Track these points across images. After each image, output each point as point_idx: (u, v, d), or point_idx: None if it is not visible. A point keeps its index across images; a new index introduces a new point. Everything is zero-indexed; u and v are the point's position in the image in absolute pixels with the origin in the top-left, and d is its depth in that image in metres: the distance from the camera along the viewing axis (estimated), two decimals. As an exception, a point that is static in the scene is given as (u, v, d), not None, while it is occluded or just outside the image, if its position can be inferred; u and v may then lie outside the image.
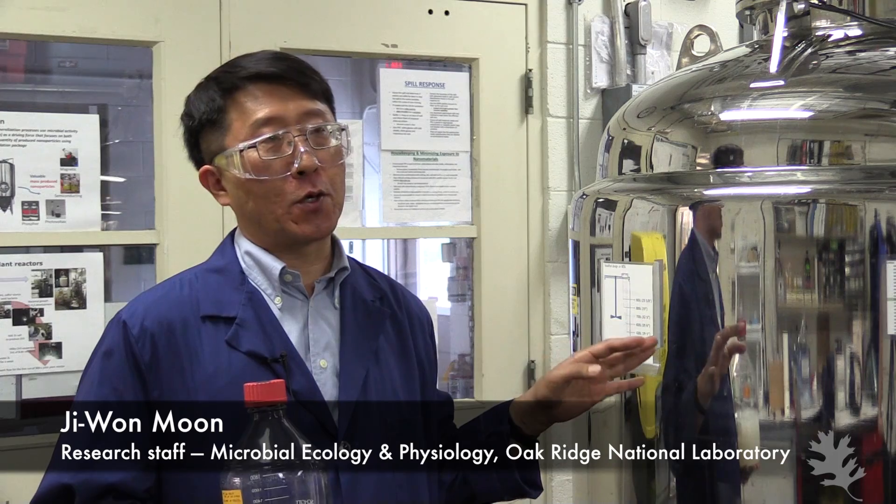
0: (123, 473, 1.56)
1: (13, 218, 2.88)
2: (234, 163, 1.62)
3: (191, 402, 1.58)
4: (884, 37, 1.87)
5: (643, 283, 1.77)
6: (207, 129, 1.66)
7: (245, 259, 1.68)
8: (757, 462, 1.70)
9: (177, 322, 1.62)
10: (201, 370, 1.59)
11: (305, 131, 1.62)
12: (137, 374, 1.59)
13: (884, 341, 1.63)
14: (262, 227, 1.66)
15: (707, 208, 1.73)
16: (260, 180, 1.61)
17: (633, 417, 1.89)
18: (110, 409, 1.58)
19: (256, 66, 1.65)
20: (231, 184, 1.66)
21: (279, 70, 1.64)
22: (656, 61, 3.70)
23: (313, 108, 1.65)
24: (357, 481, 1.61)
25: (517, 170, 3.56)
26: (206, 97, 1.66)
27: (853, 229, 1.64)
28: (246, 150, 1.61)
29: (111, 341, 1.62)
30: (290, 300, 1.67)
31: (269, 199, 1.62)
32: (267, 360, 1.59)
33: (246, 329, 1.62)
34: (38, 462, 1.90)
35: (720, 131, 1.81)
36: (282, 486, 1.31)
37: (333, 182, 1.66)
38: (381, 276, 1.82)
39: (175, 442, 1.59)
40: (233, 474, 1.32)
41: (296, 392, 1.58)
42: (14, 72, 3.99)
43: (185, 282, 1.68)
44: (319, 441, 1.56)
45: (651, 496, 1.86)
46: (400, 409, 1.69)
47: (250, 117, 1.62)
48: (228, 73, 1.66)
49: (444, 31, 3.45)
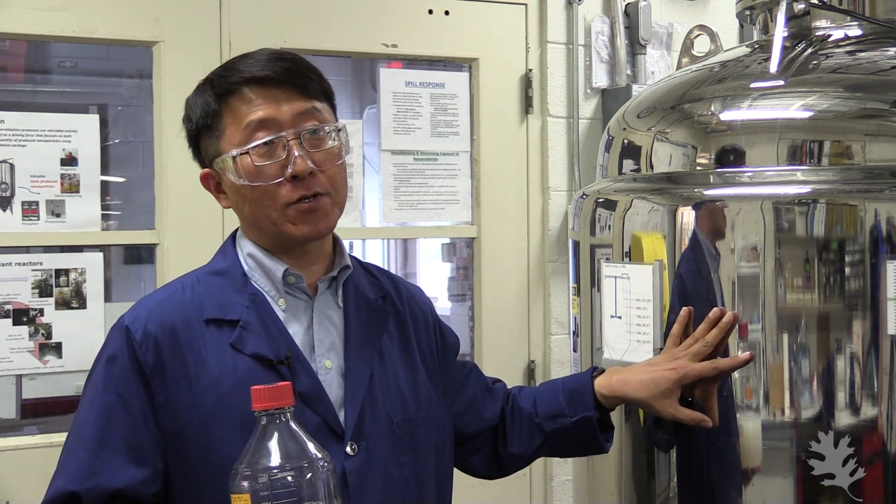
0: (129, 479, 1.55)
1: (13, 218, 2.88)
2: (229, 168, 1.62)
3: (197, 405, 1.58)
4: (884, 37, 1.87)
5: (643, 283, 1.77)
6: (204, 133, 1.66)
7: (247, 261, 1.68)
8: (757, 462, 1.70)
9: (180, 326, 1.61)
10: (206, 374, 1.58)
11: (300, 134, 1.61)
12: (142, 379, 1.58)
13: (884, 341, 1.63)
14: (261, 231, 1.66)
15: (707, 208, 1.73)
16: (254, 186, 1.61)
17: (633, 417, 1.89)
18: (115, 415, 1.57)
19: (251, 70, 1.63)
20: (229, 188, 1.65)
21: (273, 73, 1.62)
22: (656, 61, 3.70)
23: (309, 109, 1.64)
24: (365, 481, 1.60)
25: (517, 170, 3.56)
26: (201, 101, 1.66)
27: (853, 229, 1.64)
28: (239, 156, 1.60)
29: (114, 347, 1.61)
30: (293, 301, 1.66)
31: (263, 204, 1.61)
32: (272, 363, 1.59)
33: (250, 332, 1.61)
34: (38, 462, 1.90)
35: (720, 131, 1.81)
36: (290, 488, 1.31)
37: (333, 182, 1.65)
38: (383, 273, 1.82)
39: (181, 446, 1.58)
40: (241, 478, 1.32)
41: (301, 393, 1.57)
42: (14, 72, 3.99)
43: (188, 285, 1.67)
44: (327, 441, 1.56)
45: (651, 496, 1.86)
46: (406, 407, 1.69)
47: (243, 121, 1.61)
48: (223, 76, 1.65)
49: (444, 31, 3.45)
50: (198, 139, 1.68)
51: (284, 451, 1.32)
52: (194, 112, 1.67)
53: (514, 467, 1.85)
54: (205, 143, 1.67)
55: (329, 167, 1.63)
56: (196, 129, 1.67)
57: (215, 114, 1.64)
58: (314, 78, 1.67)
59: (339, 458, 1.58)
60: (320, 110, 1.65)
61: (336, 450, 1.58)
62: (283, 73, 1.63)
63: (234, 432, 1.50)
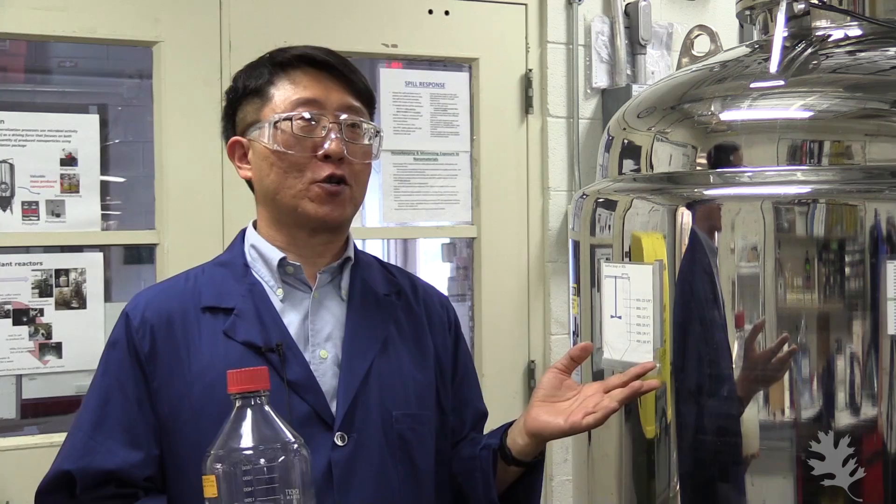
0: (122, 461, 1.58)
1: (13, 218, 2.89)
2: (266, 133, 1.65)
3: (188, 392, 1.60)
4: (884, 37, 1.87)
5: (643, 283, 1.77)
6: (248, 99, 1.70)
7: (250, 252, 1.70)
8: (757, 462, 1.70)
9: (176, 313, 1.64)
10: (198, 360, 1.61)
11: (341, 122, 1.65)
12: (138, 364, 1.62)
13: (884, 341, 1.63)
14: (277, 205, 1.67)
15: (707, 208, 1.73)
16: (286, 153, 1.64)
17: (633, 417, 1.89)
18: (112, 399, 1.61)
19: (311, 52, 1.69)
20: (257, 155, 1.68)
21: (332, 60, 1.69)
22: (656, 61, 3.70)
23: (353, 104, 1.69)
24: (351, 473, 1.60)
25: (517, 170, 3.56)
26: (255, 71, 1.71)
27: (853, 229, 1.64)
28: (281, 121, 1.64)
29: (116, 333, 1.66)
30: (291, 291, 1.68)
31: (291, 174, 1.64)
32: (261, 350, 1.60)
33: (243, 319, 1.63)
34: (38, 462, 1.90)
35: (720, 131, 1.81)
36: (261, 471, 1.31)
37: (357, 177, 1.68)
38: (403, 273, 1.83)
39: (174, 432, 1.60)
40: (213, 459, 1.33)
41: (291, 382, 1.59)
42: (14, 72, 3.99)
43: (192, 276, 1.71)
44: (315, 431, 1.57)
45: (651, 496, 1.86)
46: (408, 402, 1.69)
47: (292, 94, 1.66)
48: (283, 51, 1.71)
49: (444, 31, 3.45)
50: (236, 106, 1.71)
51: (258, 434, 1.33)
52: (243, 80, 1.72)
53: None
54: (245, 110, 1.70)
55: (358, 161, 1.67)
56: (240, 95, 1.71)
57: (267, 82, 1.68)
58: (363, 81, 1.73)
59: (326, 448, 1.59)
60: (363, 111, 1.70)
61: (324, 439, 1.59)
62: (339, 63, 1.70)
63: (222, 417, 1.51)
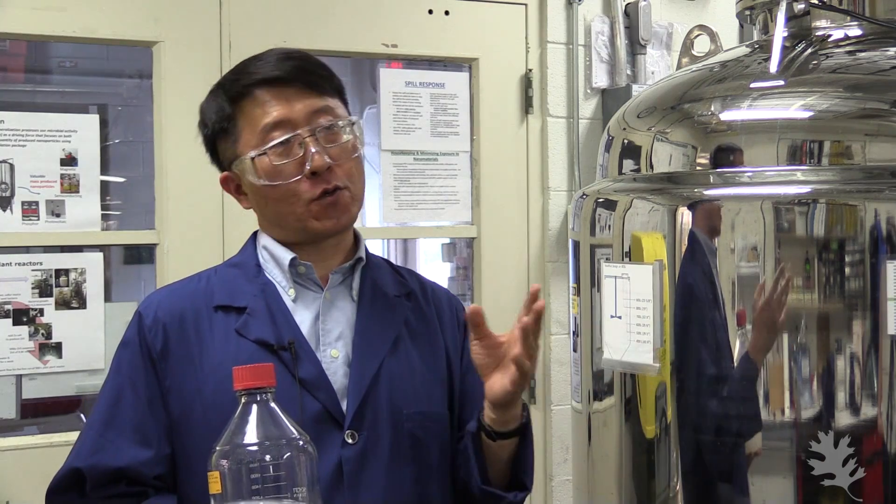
0: (132, 459, 1.58)
1: (13, 218, 2.89)
2: (248, 169, 1.64)
3: (200, 390, 1.60)
4: (884, 37, 1.87)
5: (643, 283, 1.77)
6: (221, 137, 1.69)
7: (262, 253, 1.71)
8: (757, 462, 1.70)
9: (189, 312, 1.65)
10: (210, 358, 1.61)
11: (315, 131, 1.64)
12: (150, 363, 1.63)
13: (884, 341, 1.63)
14: (284, 228, 1.68)
15: (707, 208, 1.73)
16: (274, 185, 1.63)
17: (633, 417, 1.89)
18: (123, 397, 1.62)
19: (261, 71, 1.66)
20: (250, 190, 1.68)
21: (283, 73, 1.65)
22: (656, 61, 3.70)
23: (322, 106, 1.67)
24: (362, 471, 1.61)
25: (517, 170, 3.56)
26: (215, 106, 1.69)
27: (853, 229, 1.64)
28: (257, 157, 1.63)
29: (129, 332, 1.67)
30: (303, 291, 1.68)
31: (287, 202, 1.64)
32: (274, 348, 1.60)
33: (255, 318, 1.64)
34: (38, 462, 1.90)
35: (720, 131, 1.80)
36: (266, 468, 1.31)
37: (350, 176, 1.68)
38: (413, 275, 1.84)
39: (186, 431, 1.61)
40: (218, 455, 1.33)
41: (303, 380, 1.59)
42: (14, 72, 3.99)
43: (205, 276, 1.72)
44: (326, 429, 1.57)
45: (651, 496, 1.86)
46: (419, 401, 1.69)
47: (259, 123, 1.64)
48: (235, 80, 1.68)
49: (444, 31, 3.45)
50: (214, 143, 1.71)
51: (262, 430, 1.32)
52: (209, 117, 1.70)
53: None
54: (222, 147, 1.69)
55: (345, 161, 1.66)
56: (212, 133, 1.70)
57: (230, 118, 1.66)
58: (325, 75, 1.69)
59: (336, 445, 1.59)
60: (333, 106, 1.68)
61: (335, 437, 1.59)
62: (293, 72, 1.65)
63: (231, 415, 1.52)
